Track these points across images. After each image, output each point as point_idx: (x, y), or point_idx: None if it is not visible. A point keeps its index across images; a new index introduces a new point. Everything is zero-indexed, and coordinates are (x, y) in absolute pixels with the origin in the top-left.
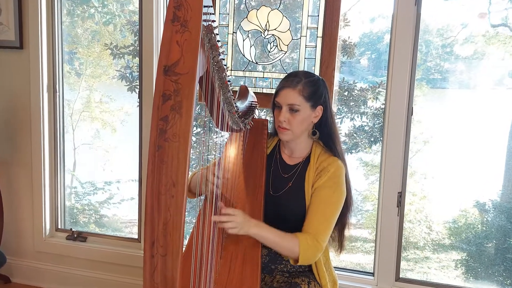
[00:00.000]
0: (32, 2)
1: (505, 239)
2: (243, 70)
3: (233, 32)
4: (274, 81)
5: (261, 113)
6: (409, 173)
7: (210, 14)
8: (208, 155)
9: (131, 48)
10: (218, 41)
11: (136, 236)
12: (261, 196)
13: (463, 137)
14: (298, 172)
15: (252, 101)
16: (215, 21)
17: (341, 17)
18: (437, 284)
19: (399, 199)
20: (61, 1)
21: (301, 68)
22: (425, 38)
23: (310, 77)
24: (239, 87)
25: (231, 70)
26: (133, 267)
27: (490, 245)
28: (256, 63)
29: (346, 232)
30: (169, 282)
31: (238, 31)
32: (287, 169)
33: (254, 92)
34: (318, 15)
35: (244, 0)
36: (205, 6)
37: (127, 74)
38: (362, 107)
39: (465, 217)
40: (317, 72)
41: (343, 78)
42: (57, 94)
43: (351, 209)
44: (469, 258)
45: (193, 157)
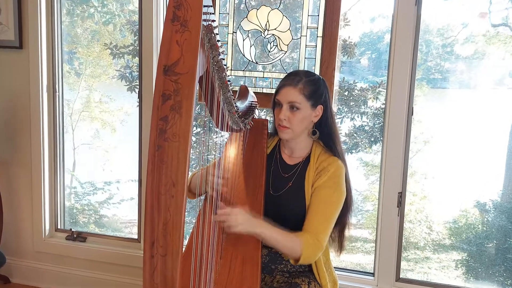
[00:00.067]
0: (32, 2)
1: (506, 239)
2: (243, 70)
3: (233, 32)
4: (274, 81)
5: (261, 113)
6: (410, 173)
7: (210, 14)
8: (208, 155)
9: (131, 48)
10: (218, 41)
11: (136, 236)
12: (261, 196)
13: (464, 137)
14: (298, 172)
15: (252, 101)
16: (215, 21)
17: (341, 17)
18: (438, 285)
19: (400, 199)
20: (61, 1)
21: (301, 68)
22: (426, 38)
23: (311, 76)
24: (239, 87)
25: (231, 70)
26: (133, 267)
27: (491, 245)
28: (256, 63)
29: (346, 233)
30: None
31: (238, 31)
32: (287, 169)
33: (254, 92)
34: (318, 15)
35: (244, 0)
36: (205, 6)
37: (127, 74)
38: (362, 107)
39: (466, 217)
40: (317, 72)
41: (343, 78)
42: (57, 94)
43: (351, 210)
44: (470, 258)
45: (193, 157)
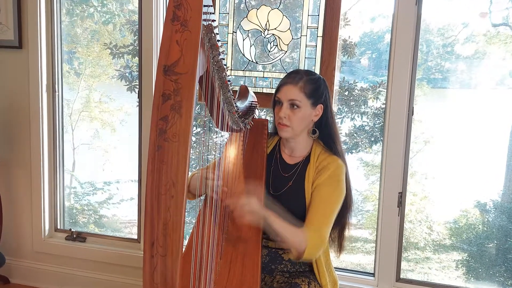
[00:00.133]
0: (31, 2)
1: (506, 240)
2: (243, 70)
3: (233, 32)
4: (274, 81)
5: (261, 113)
6: (410, 173)
7: (210, 14)
8: (208, 155)
9: (131, 48)
10: (218, 41)
11: (136, 237)
12: (261, 195)
13: (464, 137)
14: (298, 172)
15: (252, 101)
16: (215, 21)
17: (342, 17)
18: (438, 285)
19: (400, 199)
20: (60, 1)
21: (302, 68)
22: (426, 38)
23: (312, 75)
24: (239, 87)
25: (231, 70)
26: (133, 268)
27: (491, 246)
28: (256, 63)
29: (346, 233)
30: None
31: (238, 31)
32: (287, 169)
33: (254, 92)
34: (319, 15)
35: (244, 0)
36: (205, 6)
37: (127, 74)
38: (363, 107)
39: (466, 218)
40: (318, 72)
41: (344, 78)
42: (56, 94)
43: (351, 210)
44: (470, 259)
45: (193, 157)
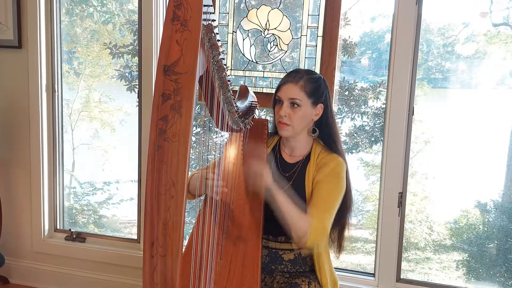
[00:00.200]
0: (31, 1)
1: (507, 240)
2: (243, 70)
3: (233, 32)
4: (274, 81)
5: (261, 113)
6: (410, 173)
7: (210, 13)
8: (208, 155)
9: (131, 48)
10: (218, 41)
11: (136, 237)
12: (261, 196)
13: (465, 137)
14: (299, 171)
15: (252, 101)
16: (215, 20)
17: (342, 16)
18: (438, 285)
19: (400, 200)
20: (60, 0)
21: (302, 68)
22: (426, 37)
23: (312, 75)
24: (239, 87)
25: (231, 70)
26: (133, 268)
27: (492, 246)
28: (256, 63)
29: (346, 233)
30: (169, 283)
31: (238, 31)
32: (288, 168)
33: (254, 92)
34: (319, 14)
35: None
36: (205, 5)
37: (127, 74)
38: (363, 107)
39: (467, 218)
40: (318, 72)
41: (344, 78)
42: (56, 94)
43: (351, 210)
44: (471, 259)
45: (193, 157)
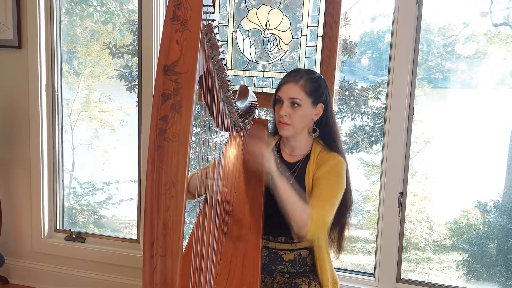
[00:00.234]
0: (31, 1)
1: (507, 240)
2: (243, 70)
3: (233, 31)
4: (274, 81)
5: (261, 113)
6: (410, 173)
7: (210, 13)
8: (208, 155)
9: (130, 47)
10: (218, 40)
11: (135, 237)
12: (262, 196)
13: (465, 137)
14: (299, 170)
15: (252, 101)
16: (215, 20)
17: (342, 16)
18: (439, 285)
19: (400, 200)
20: (60, 0)
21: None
22: (427, 37)
23: (312, 74)
24: (239, 87)
25: (231, 70)
26: (132, 268)
27: (492, 246)
28: (256, 63)
29: (346, 233)
30: (169, 283)
31: (238, 30)
32: (288, 168)
33: (254, 92)
34: (319, 14)
35: None
36: (205, 5)
37: (126, 74)
38: (363, 107)
39: (467, 218)
40: (318, 72)
41: (344, 78)
42: (56, 94)
43: (351, 210)
44: (471, 259)
45: (193, 157)
